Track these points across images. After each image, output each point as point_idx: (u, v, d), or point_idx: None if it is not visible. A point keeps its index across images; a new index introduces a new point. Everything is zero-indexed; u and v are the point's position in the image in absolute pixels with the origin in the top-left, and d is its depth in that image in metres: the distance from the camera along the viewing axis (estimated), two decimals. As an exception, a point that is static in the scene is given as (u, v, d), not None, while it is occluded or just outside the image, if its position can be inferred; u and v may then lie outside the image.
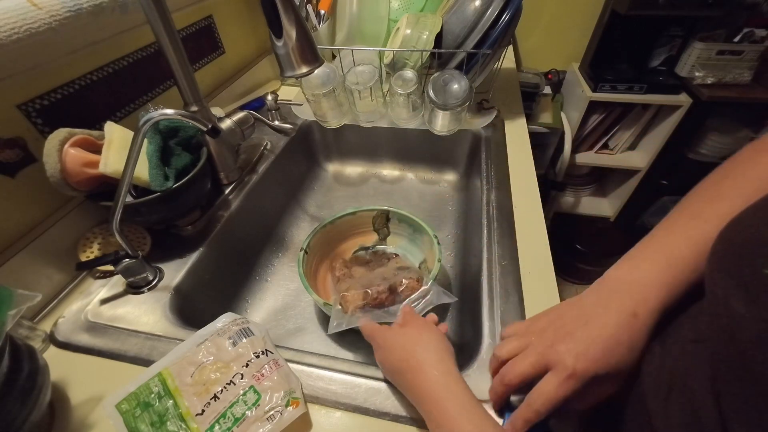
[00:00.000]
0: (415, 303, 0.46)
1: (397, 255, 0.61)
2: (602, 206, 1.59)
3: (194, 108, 0.56)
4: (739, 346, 0.23)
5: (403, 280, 0.50)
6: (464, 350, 0.45)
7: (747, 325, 0.22)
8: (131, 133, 0.49)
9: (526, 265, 0.50)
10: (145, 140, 0.50)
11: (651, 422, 0.31)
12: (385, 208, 0.63)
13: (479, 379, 0.38)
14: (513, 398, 0.35)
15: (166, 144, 0.52)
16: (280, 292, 0.64)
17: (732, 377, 0.24)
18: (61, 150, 0.43)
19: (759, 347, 0.21)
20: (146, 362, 0.41)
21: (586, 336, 0.30)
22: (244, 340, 0.38)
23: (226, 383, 0.35)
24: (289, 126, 0.71)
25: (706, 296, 0.27)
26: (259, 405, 0.34)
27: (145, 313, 0.46)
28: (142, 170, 0.48)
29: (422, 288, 0.48)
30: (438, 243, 0.54)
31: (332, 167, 0.91)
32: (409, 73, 0.69)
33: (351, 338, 0.56)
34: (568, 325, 0.31)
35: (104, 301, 0.48)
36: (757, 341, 0.21)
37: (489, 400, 0.36)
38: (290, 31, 0.41)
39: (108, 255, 0.46)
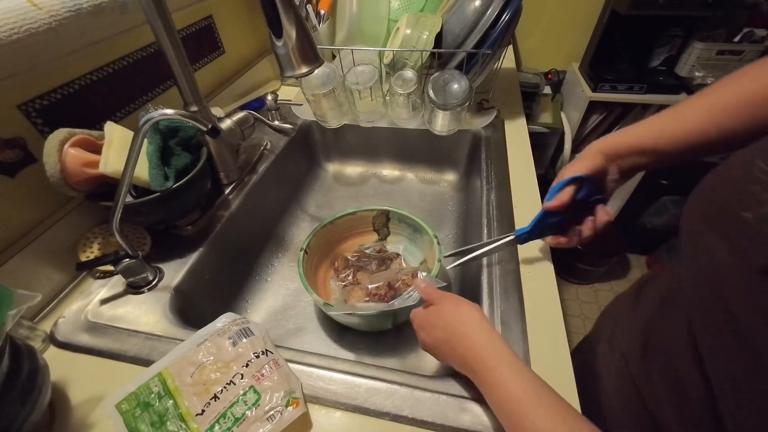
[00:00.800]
0: (410, 293, 0.46)
1: (399, 255, 0.62)
2: (602, 206, 1.59)
3: (194, 108, 0.56)
4: (722, 295, 0.24)
5: (401, 276, 0.53)
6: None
7: (731, 274, 0.23)
8: (131, 133, 0.49)
9: (526, 265, 0.50)
10: (145, 140, 0.50)
11: (632, 382, 0.37)
12: (385, 208, 0.63)
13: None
14: None
15: (166, 144, 0.52)
16: (280, 292, 0.64)
17: (713, 329, 0.26)
18: (61, 150, 0.43)
19: (743, 293, 0.22)
20: (146, 362, 0.41)
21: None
22: (244, 340, 0.38)
23: (226, 383, 0.35)
24: (289, 126, 0.71)
25: (685, 252, 0.30)
26: (259, 405, 0.34)
27: (145, 313, 0.46)
28: (142, 170, 0.48)
29: (416, 280, 0.50)
30: (438, 243, 0.54)
31: (332, 167, 0.91)
32: (409, 73, 0.69)
33: (351, 338, 0.56)
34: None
35: (104, 301, 0.48)
36: (738, 281, 0.23)
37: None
38: (290, 31, 0.41)
39: (108, 255, 0.46)
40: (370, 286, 0.53)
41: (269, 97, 0.76)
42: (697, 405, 0.29)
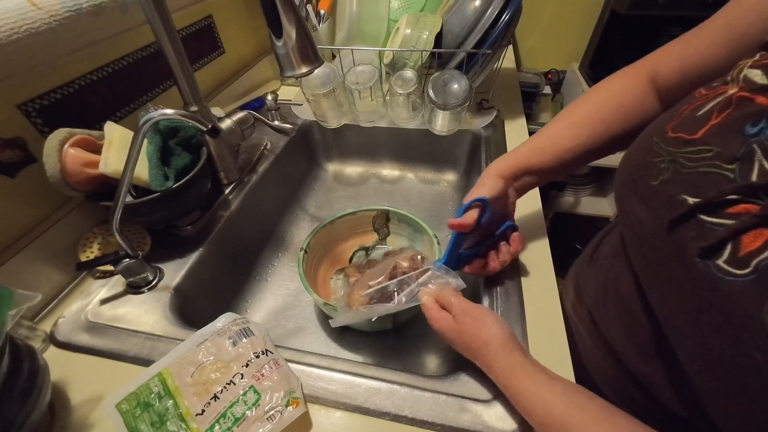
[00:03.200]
0: (415, 290, 0.43)
1: (406, 248, 0.60)
2: (602, 206, 1.59)
3: (194, 108, 0.56)
4: (648, 242, 0.31)
5: (402, 263, 0.49)
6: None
7: (649, 225, 0.30)
8: (131, 133, 0.49)
9: (526, 265, 0.50)
10: (145, 140, 0.50)
11: (597, 326, 0.44)
12: (385, 208, 0.63)
13: (479, 379, 0.38)
14: None
15: (166, 144, 0.52)
16: (280, 292, 0.64)
17: (649, 271, 0.32)
18: (61, 150, 0.43)
19: (661, 241, 0.28)
20: (146, 362, 0.41)
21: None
22: (244, 340, 0.38)
23: (226, 383, 0.35)
24: (289, 126, 0.71)
25: (619, 215, 0.36)
26: (259, 405, 0.34)
27: (145, 313, 0.46)
28: (142, 170, 0.48)
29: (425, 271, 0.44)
30: (438, 243, 0.54)
31: (332, 167, 0.91)
32: (409, 73, 0.69)
33: (351, 338, 0.56)
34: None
35: (104, 301, 0.48)
36: (657, 234, 0.29)
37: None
38: (290, 31, 0.41)
39: (108, 255, 0.46)
40: (371, 283, 0.49)
41: (269, 97, 0.76)
42: (646, 333, 0.36)
